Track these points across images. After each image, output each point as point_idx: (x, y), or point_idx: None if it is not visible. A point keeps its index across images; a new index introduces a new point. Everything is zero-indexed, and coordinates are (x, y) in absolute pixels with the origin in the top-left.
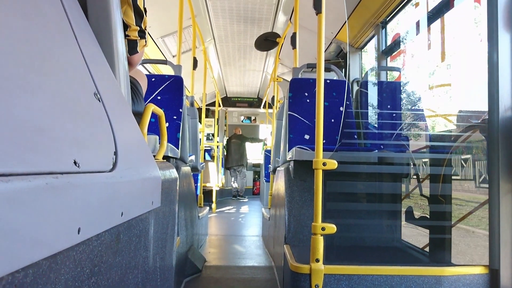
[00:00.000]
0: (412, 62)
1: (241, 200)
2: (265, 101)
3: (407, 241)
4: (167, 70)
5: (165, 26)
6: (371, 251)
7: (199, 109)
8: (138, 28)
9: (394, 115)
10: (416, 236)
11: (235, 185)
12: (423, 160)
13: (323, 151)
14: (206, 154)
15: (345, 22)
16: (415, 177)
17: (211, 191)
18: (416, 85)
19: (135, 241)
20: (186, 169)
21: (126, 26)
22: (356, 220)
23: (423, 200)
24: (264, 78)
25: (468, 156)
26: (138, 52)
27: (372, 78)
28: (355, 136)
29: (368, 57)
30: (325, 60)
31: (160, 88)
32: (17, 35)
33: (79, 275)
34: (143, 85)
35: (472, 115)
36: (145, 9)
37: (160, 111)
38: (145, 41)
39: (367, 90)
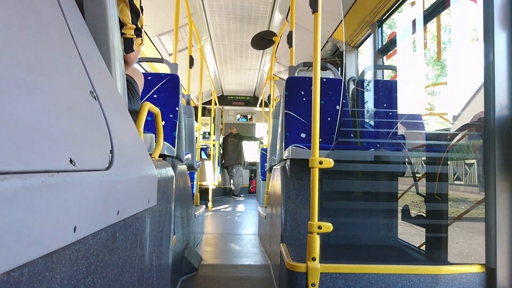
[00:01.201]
0: (408, 60)
1: (237, 199)
2: (261, 100)
3: (403, 240)
4: (163, 69)
5: (161, 24)
6: (368, 249)
7: (195, 108)
8: (134, 27)
9: (390, 113)
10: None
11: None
12: (420, 158)
13: (320, 149)
14: (202, 152)
15: (341, 20)
16: (411, 175)
17: (207, 189)
18: (412, 84)
19: (131, 239)
20: (182, 167)
21: (122, 24)
22: (352, 218)
23: (419, 198)
24: (260, 77)
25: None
26: (134, 50)
27: (368, 77)
28: (352, 135)
29: (363, 57)
30: (321, 59)
31: (157, 87)
32: (13, 34)
33: (75, 274)
34: (140, 84)
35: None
36: (141, 7)
37: (156, 110)
38: (141, 40)
39: (363, 88)
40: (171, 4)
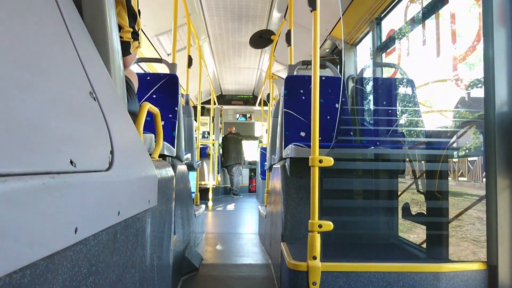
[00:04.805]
0: (407, 58)
1: (235, 198)
2: (261, 99)
3: (404, 238)
4: (162, 69)
5: (159, 24)
6: (368, 248)
7: (195, 107)
8: (132, 30)
9: (390, 111)
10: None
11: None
12: (420, 156)
13: (319, 148)
14: (202, 152)
15: (340, 18)
16: (411, 173)
17: (207, 189)
18: (412, 80)
19: (132, 240)
20: (182, 167)
21: (119, 28)
22: (353, 217)
23: (419, 196)
24: (259, 76)
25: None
26: (131, 53)
27: (367, 75)
28: (351, 133)
29: (363, 55)
30: (320, 57)
31: (155, 87)
32: (12, 35)
33: (77, 275)
34: (135, 84)
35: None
36: (139, 10)
37: (156, 110)
38: (138, 43)
39: (363, 86)
40: (169, 4)
